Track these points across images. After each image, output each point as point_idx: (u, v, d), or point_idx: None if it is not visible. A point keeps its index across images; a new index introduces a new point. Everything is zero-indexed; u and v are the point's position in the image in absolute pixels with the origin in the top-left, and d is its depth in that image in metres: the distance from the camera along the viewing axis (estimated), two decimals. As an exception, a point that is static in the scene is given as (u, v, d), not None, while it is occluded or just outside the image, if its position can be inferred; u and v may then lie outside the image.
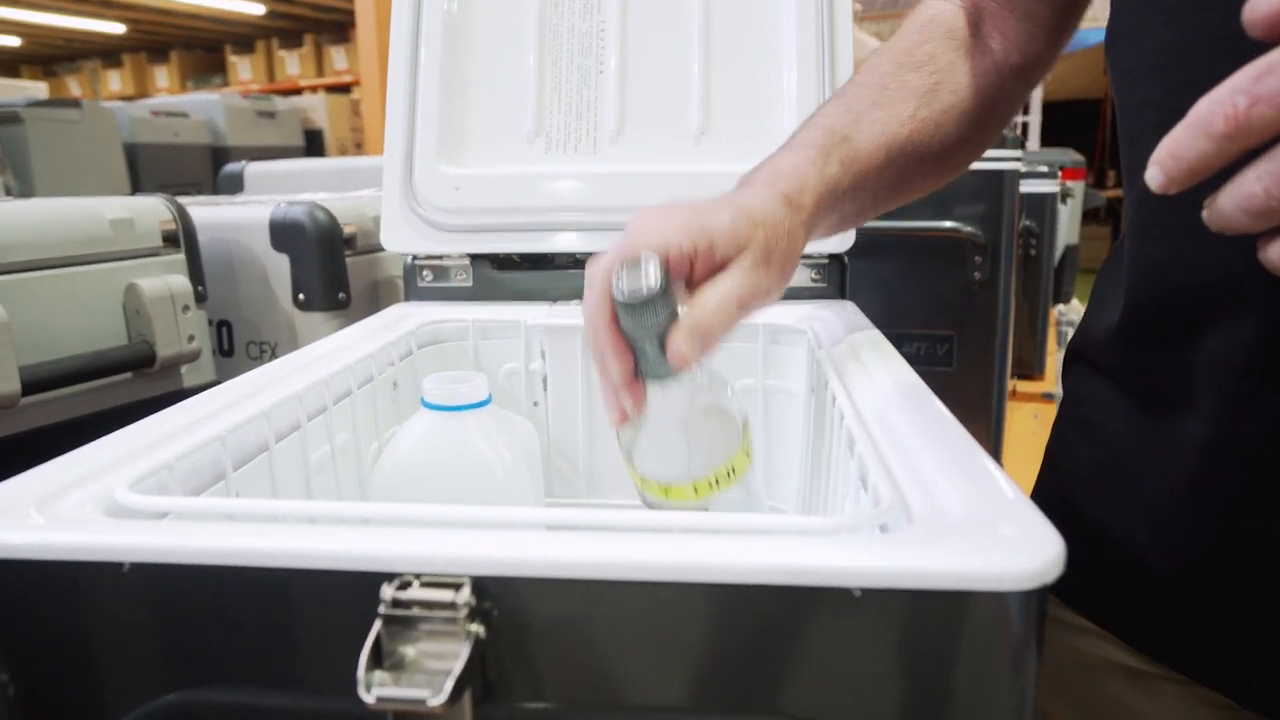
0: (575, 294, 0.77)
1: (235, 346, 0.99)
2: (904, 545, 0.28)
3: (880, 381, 0.45)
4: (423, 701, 0.25)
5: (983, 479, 0.33)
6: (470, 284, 0.78)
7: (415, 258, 0.77)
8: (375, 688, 0.26)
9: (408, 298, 0.78)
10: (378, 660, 0.27)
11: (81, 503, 0.33)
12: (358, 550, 0.28)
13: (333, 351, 0.58)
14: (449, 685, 0.26)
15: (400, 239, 0.75)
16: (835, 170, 0.49)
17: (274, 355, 0.96)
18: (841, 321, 0.60)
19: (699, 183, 0.71)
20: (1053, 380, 1.92)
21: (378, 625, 0.27)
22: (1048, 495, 0.61)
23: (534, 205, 0.73)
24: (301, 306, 0.94)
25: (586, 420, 0.72)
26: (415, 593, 0.27)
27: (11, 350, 0.70)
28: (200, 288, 0.90)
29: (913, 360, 1.45)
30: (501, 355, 0.73)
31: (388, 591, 0.27)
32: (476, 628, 0.27)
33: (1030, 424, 1.62)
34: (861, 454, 0.38)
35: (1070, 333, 2.33)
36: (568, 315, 0.71)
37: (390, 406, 0.64)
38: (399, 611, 0.27)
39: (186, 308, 0.85)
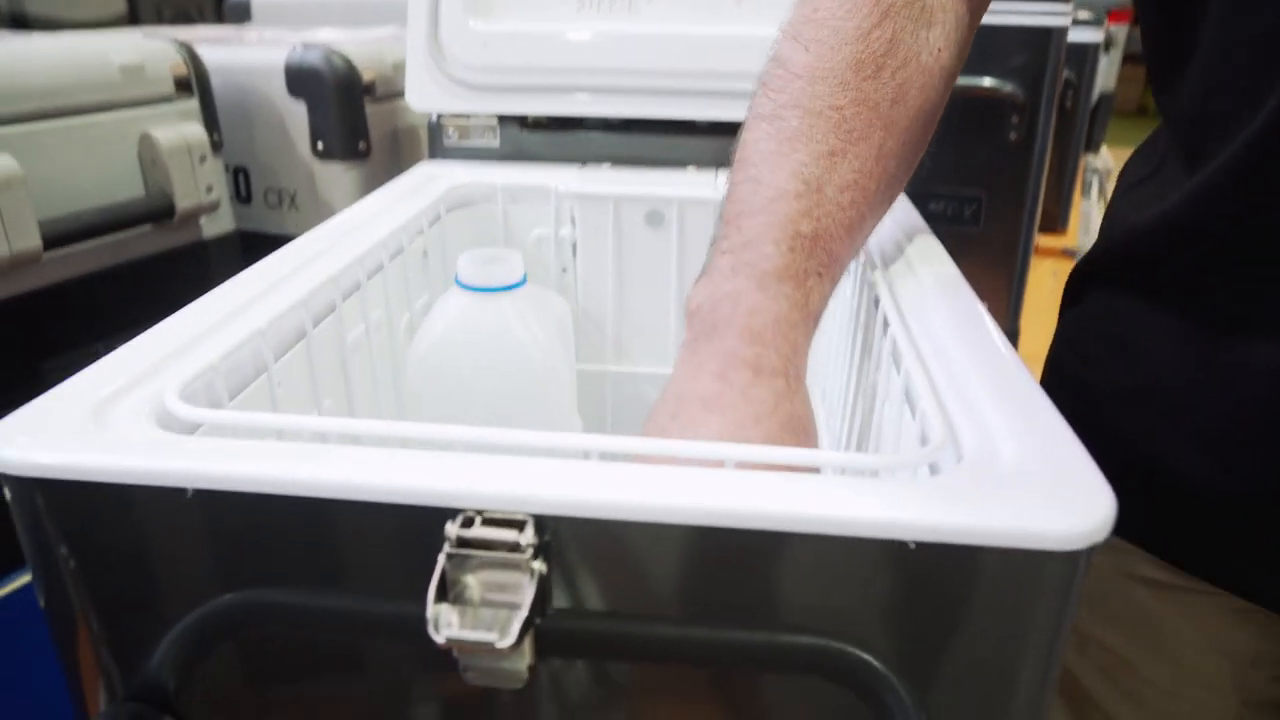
0: (605, 157, 0.75)
1: (254, 193, 0.96)
2: (953, 497, 0.28)
3: (935, 304, 0.44)
4: (490, 644, 0.26)
5: (1037, 419, 0.32)
6: (497, 144, 0.75)
7: (441, 116, 0.74)
8: (444, 628, 0.26)
9: (432, 155, 0.76)
10: (442, 593, 0.28)
11: (134, 412, 0.33)
12: (422, 485, 0.28)
13: (362, 224, 0.57)
14: (515, 627, 0.26)
15: (426, 98, 0.72)
16: (816, 289, 0.41)
17: (294, 204, 0.94)
18: (894, 221, 0.58)
19: (739, 47, 0.68)
20: (1074, 235, 1.89)
21: (442, 560, 0.28)
22: (1064, 401, 0.61)
23: (566, 65, 0.70)
24: (320, 155, 0.91)
25: (615, 287, 0.72)
26: (479, 531, 0.28)
27: (30, 205, 0.69)
28: (216, 135, 0.87)
29: (939, 220, 1.42)
30: (530, 220, 0.71)
31: (452, 530, 0.28)
32: (539, 565, 0.28)
33: (1049, 282, 1.61)
34: (911, 376, 0.37)
35: (1097, 182, 2.27)
36: (598, 181, 0.69)
37: (420, 275, 0.63)
38: (463, 551, 0.27)
39: (203, 158, 0.83)
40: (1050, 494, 0.28)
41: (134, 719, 0.32)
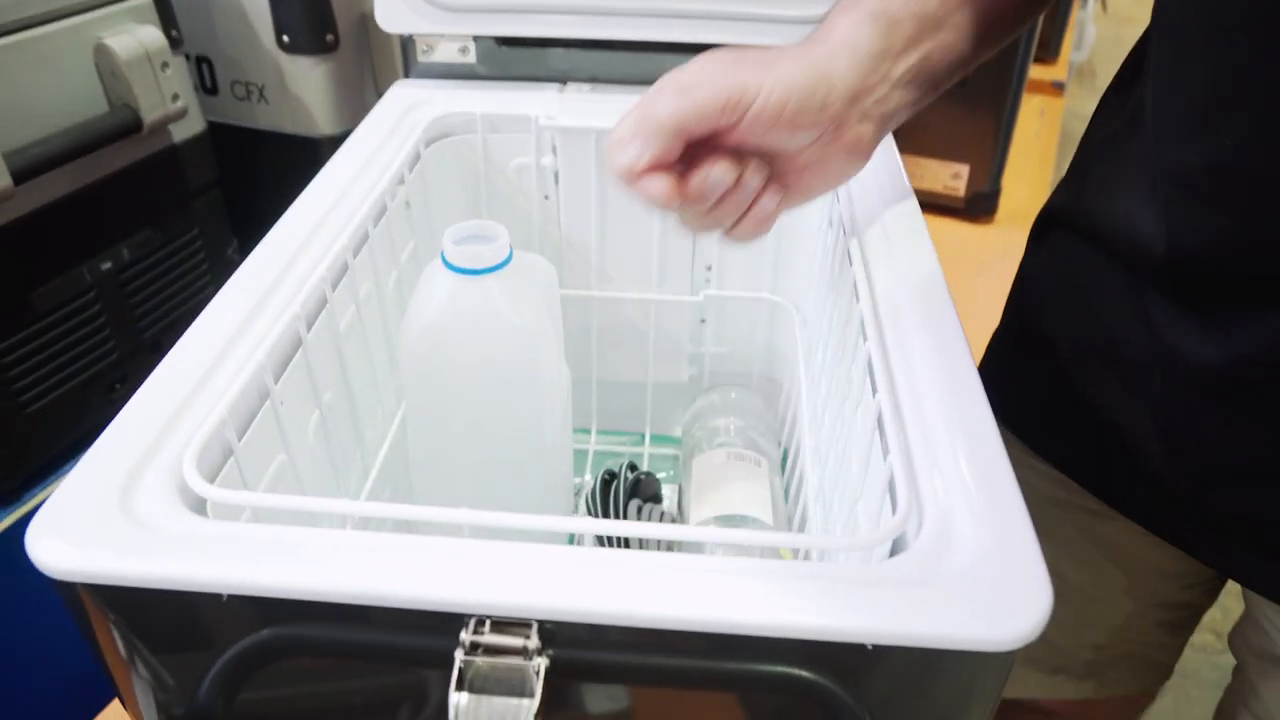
0: (586, 75, 0.73)
1: (219, 85, 0.93)
2: (908, 599, 0.31)
3: (914, 320, 0.46)
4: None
5: (998, 494, 0.36)
6: (474, 61, 0.72)
7: (413, 34, 0.71)
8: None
9: (406, 74, 0.73)
10: (460, 682, 0.32)
11: (158, 491, 0.36)
12: (436, 595, 0.31)
13: (343, 190, 0.56)
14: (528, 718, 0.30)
15: (397, 18, 0.68)
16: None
17: (263, 98, 0.91)
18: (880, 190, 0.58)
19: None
20: (1065, 66, 1.83)
21: (459, 659, 0.31)
22: (1021, 338, 0.64)
23: (542, -13, 0.66)
24: (286, 49, 0.87)
25: (599, 214, 0.72)
26: (489, 638, 0.31)
27: (-6, 142, 0.67)
28: (174, 32, 0.83)
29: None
30: (511, 150, 0.70)
31: (466, 637, 0.31)
32: (544, 660, 0.32)
33: (1035, 123, 1.58)
34: (884, 417, 0.40)
35: (1095, 7, 2.17)
36: (579, 111, 0.68)
37: (404, 227, 0.63)
38: (474, 656, 0.31)
39: (165, 64, 0.79)
40: (997, 594, 0.32)
41: (190, 753, 0.37)
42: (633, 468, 0.72)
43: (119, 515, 0.35)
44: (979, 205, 1.19)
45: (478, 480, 0.59)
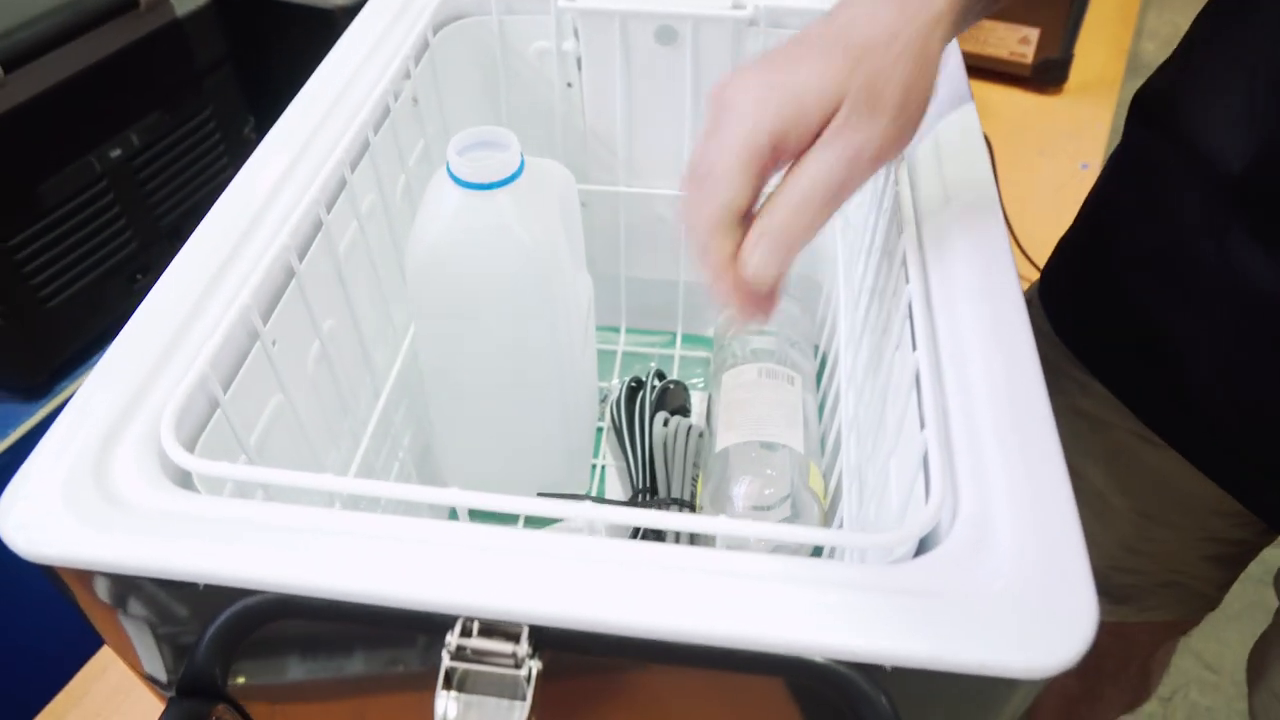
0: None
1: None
2: (934, 616, 0.28)
3: (968, 286, 0.41)
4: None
5: (1046, 495, 0.32)
6: (486, -73, 0.65)
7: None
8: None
9: (415, -59, 0.66)
10: (448, 681, 0.30)
11: (136, 463, 0.34)
12: (422, 596, 0.29)
13: (339, 93, 0.52)
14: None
15: (398, -118, 0.61)
16: None
17: (265, -41, 0.84)
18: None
19: None
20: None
21: (445, 661, 0.30)
22: (1091, 242, 0.58)
23: None
24: (289, -92, 0.80)
25: (625, 103, 0.66)
26: (477, 642, 0.29)
27: (-22, 29, 0.62)
28: (166, -110, 0.76)
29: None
30: (530, 33, 0.64)
31: (452, 640, 0.29)
32: (536, 664, 0.30)
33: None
34: (923, 390, 0.36)
35: None
36: (603, -8, 0.61)
37: (413, 127, 0.58)
38: (462, 662, 0.29)
39: (158, -70, 0.73)
40: (1036, 611, 0.29)
41: (190, 715, 0.36)
42: (660, 376, 0.69)
43: (93, 491, 0.33)
44: (1048, 74, 1.09)
45: (493, 405, 0.57)
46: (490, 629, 0.29)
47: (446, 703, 0.30)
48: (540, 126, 0.68)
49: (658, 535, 0.56)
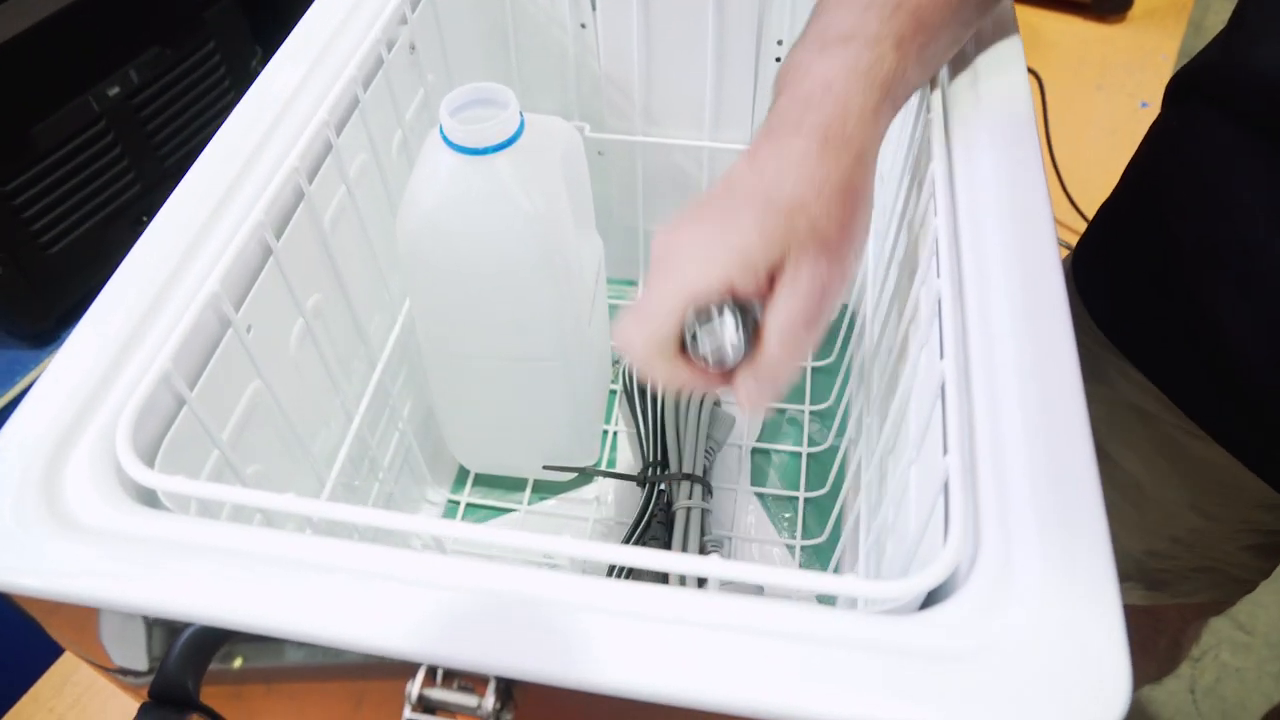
0: None
1: None
2: (946, 680, 0.26)
3: (1005, 273, 0.37)
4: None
5: (1081, 540, 0.28)
6: None
7: None
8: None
9: None
10: None
11: (90, 476, 0.31)
12: (384, 644, 0.27)
13: (320, 51, 0.47)
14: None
15: None
16: (891, 60, 0.37)
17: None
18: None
19: None
20: None
21: (406, 711, 0.27)
22: (1133, 222, 0.53)
23: None
24: None
25: (643, 47, 0.61)
26: (439, 694, 0.27)
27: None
28: None
29: None
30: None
31: (412, 690, 0.27)
32: (507, 717, 0.27)
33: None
34: (949, 415, 0.32)
35: None
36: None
37: (410, 77, 0.54)
38: (422, 715, 0.27)
39: None
40: (1059, 681, 0.25)
41: (160, 725, 0.35)
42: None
43: (44, 510, 0.30)
44: (1110, 0, 1.01)
45: (495, 377, 0.54)
46: (453, 677, 0.27)
47: (410, 754, 0.28)
48: (552, 71, 0.63)
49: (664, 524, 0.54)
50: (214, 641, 0.33)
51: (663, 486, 0.57)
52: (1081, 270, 0.58)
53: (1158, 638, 0.74)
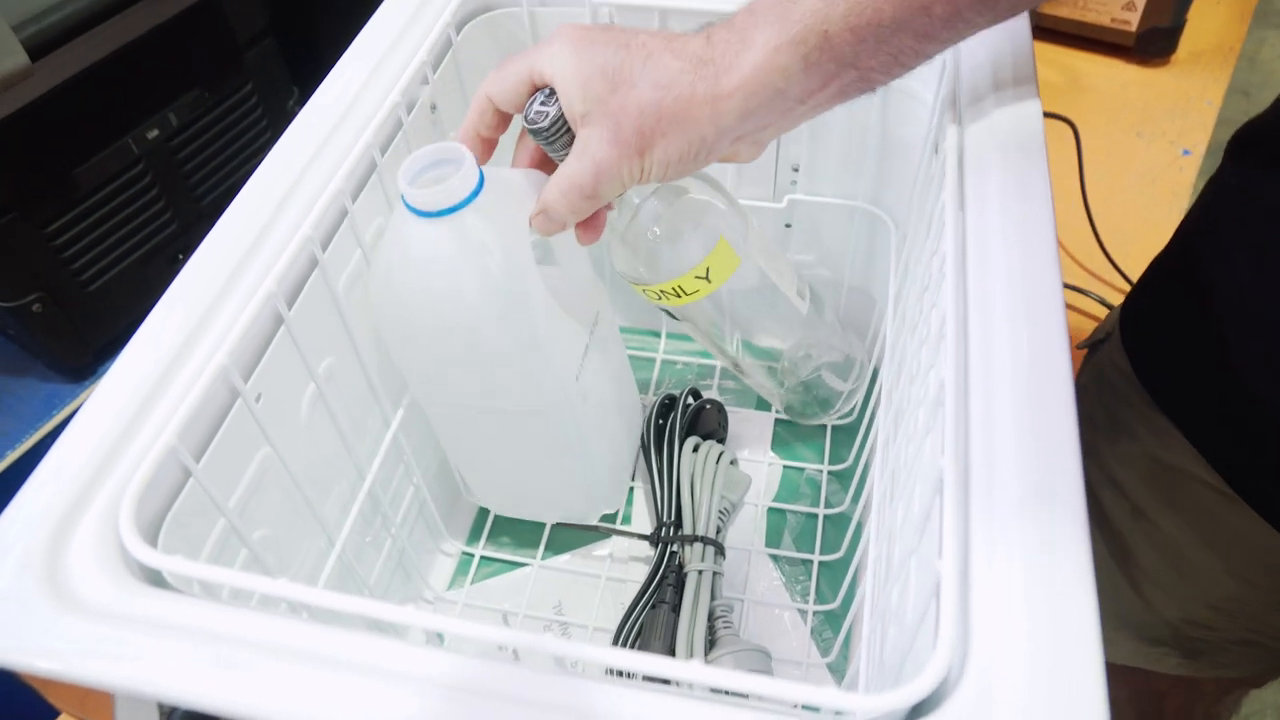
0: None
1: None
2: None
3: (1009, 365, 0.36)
4: None
5: (1076, 666, 0.28)
6: (518, -89, 0.60)
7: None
8: None
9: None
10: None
11: (93, 552, 0.32)
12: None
13: (342, 115, 0.48)
14: None
15: None
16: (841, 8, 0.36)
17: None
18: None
19: None
20: None
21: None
22: (1183, 281, 0.52)
23: None
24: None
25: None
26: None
27: (1, 19, 0.61)
28: None
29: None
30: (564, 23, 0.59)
31: (390, 794, 0.27)
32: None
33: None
34: (947, 510, 0.32)
35: None
36: (642, -20, 0.56)
37: (430, 136, 0.55)
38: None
39: (188, -96, 0.70)
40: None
41: None
42: (695, 395, 0.65)
43: (44, 587, 0.31)
44: (1154, 44, 0.99)
45: (497, 435, 0.54)
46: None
47: None
48: (575, 125, 0.64)
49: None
50: None
51: (675, 548, 0.56)
52: (1128, 329, 0.57)
53: (1192, 710, 0.72)
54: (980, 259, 0.39)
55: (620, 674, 0.45)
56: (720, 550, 0.56)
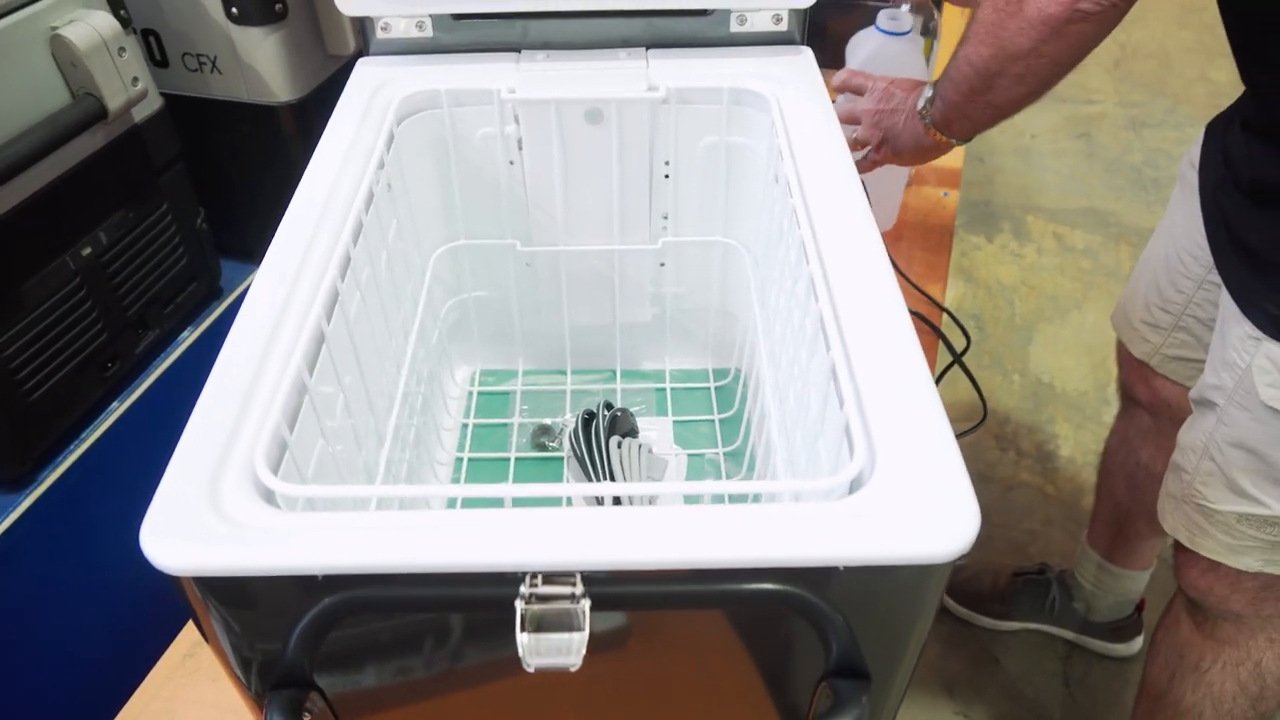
0: (540, 44, 0.76)
1: (169, 57, 0.94)
2: (871, 530, 0.40)
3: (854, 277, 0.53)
4: (567, 668, 0.38)
5: (936, 442, 0.44)
6: (430, 35, 0.76)
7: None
8: (531, 659, 0.39)
9: (365, 50, 0.76)
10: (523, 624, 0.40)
11: (239, 490, 0.42)
12: (500, 559, 0.39)
13: (334, 180, 0.61)
14: (580, 649, 0.38)
15: (357, 2, 0.71)
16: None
17: (216, 69, 0.93)
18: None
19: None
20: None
21: (520, 608, 0.39)
22: None
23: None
24: (236, 20, 0.89)
25: (562, 174, 0.77)
26: (544, 589, 0.39)
27: (-26, 151, 0.69)
28: (123, 12, 0.84)
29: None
30: (477, 121, 0.75)
31: (526, 590, 0.39)
32: (587, 603, 0.39)
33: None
34: (836, 372, 0.47)
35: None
36: (538, 83, 0.72)
37: (389, 209, 0.68)
38: (535, 604, 0.39)
39: (122, 49, 0.81)
40: (937, 519, 0.40)
41: (289, 702, 0.44)
42: (609, 406, 0.79)
43: (211, 513, 0.41)
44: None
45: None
46: (551, 578, 0.39)
47: (525, 640, 0.39)
48: (488, 199, 0.78)
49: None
50: (322, 628, 0.44)
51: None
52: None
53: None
54: (833, 258, 0.57)
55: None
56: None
